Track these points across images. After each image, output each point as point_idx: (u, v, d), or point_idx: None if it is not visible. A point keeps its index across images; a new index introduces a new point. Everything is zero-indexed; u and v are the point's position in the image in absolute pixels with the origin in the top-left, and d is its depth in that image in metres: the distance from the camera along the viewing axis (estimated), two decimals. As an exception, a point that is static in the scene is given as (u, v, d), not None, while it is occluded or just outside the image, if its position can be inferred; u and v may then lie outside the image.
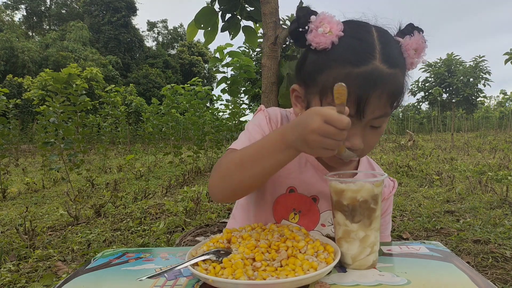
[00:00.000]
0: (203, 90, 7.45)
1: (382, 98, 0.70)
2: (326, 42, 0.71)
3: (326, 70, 0.73)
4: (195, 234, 2.39)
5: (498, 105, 25.33)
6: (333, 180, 0.72)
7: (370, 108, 0.70)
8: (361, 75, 0.69)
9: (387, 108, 0.73)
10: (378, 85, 0.69)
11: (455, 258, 0.74)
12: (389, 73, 0.70)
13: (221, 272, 0.62)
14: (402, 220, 3.09)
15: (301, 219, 0.88)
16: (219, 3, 2.28)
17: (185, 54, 38.95)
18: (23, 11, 39.27)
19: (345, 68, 0.70)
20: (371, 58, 0.69)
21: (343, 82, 0.60)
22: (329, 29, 0.71)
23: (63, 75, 4.13)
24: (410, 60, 0.76)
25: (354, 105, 0.69)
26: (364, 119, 0.72)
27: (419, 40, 0.75)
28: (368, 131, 0.75)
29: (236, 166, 0.72)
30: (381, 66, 0.69)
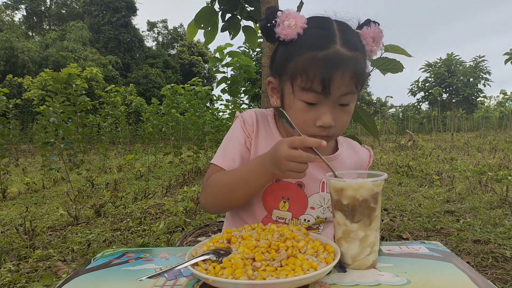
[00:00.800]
0: (203, 90, 7.45)
1: (344, 76, 0.78)
2: (292, 34, 0.81)
3: (294, 57, 0.82)
4: (196, 235, 2.39)
5: (498, 105, 25.34)
6: (333, 179, 0.72)
7: (334, 85, 0.78)
8: (324, 57, 0.78)
9: (351, 87, 0.80)
10: (339, 65, 0.78)
11: (455, 258, 0.74)
12: (349, 55, 0.79)
13: (221, 272, 0.62)
14: (402, 220, 3.09)
15: (291, 206, 0.92)
16: (219, 3, 2.28)
17: (185, 54, 38.95)
18: (23, 11, 39.30)
19: (310, 53, 0.79)
20: (333, 43, 0.79)
21: (309, 65, 0.77)
22: (294, 23, 0.81)
23: (63, 75, 4.13)
24: (369, 47, 0.85)
25: (320, 84, 0.78)
26: (330, 95, 0.79)
27: (376, 30, 0.84)
28: (338, 110, 0.83)
29: (225, 189, 0.86)
30: (342, 49, 0.79)
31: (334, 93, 0.79)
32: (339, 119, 0.84)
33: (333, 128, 0.84)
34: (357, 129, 18.11)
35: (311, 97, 0.81)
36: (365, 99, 28.43)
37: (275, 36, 0.83)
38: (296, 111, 0.84)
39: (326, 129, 0.83)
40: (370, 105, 27.91)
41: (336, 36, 0.80)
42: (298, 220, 0.93)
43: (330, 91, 0.78)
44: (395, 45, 1.70)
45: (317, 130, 0.83)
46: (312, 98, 0.81)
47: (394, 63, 1.71)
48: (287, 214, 0.92)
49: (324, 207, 0.94)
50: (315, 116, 0.82)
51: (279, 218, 0.93)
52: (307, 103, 0.82)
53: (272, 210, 0.92)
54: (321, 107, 0.81)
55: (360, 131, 17.30)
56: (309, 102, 0.81)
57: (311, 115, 0.82)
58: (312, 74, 0.78)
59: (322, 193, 0.94)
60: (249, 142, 0.93)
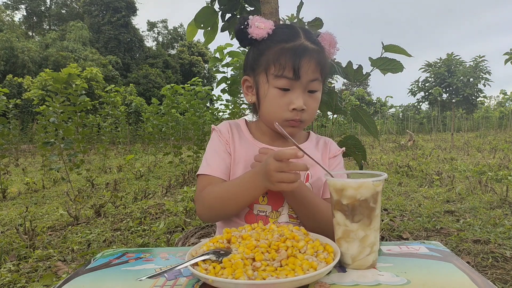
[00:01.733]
0: (203, 90, 7.44)
1: (311, 63, 0.90)
2: (263, 33, 0.94)
3: (266, 51, 0.94)
4: (198, 236, 2.40)
5: (498, 105, 25.32)
6: (333, 179, 0.73)
7: (303, 70, 0.90)
8: (292, 47, 0.91)
9: (317, 74, 0.92)
10: (305, 53, 0.90)
11: (455, 258, 0.74)
12: (313, 47, 0.93)
13: (221, 272, 0.62)
14: (402, 220, 3.09)
15: (269, 199, 0.98)
16: (219, 3, 2.28)
17: (185, 54, 38.93)
18: (23, 11, 39.28)
19: (280, 45, 0.92)
20: (298, 37, 0.93)
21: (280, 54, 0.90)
22: (263, 26, 0.95)
23: (63, 75, 4.13)
24: (326, 49, 0.98)
25: (291, 69, 0.89)
26: (300, 80, 0.90)
27: (331, 37, 1.00)
28: (308, 96, 0.94)
29: (220, 203, 0.93)
30: (306, 42, 0.93)
31: (303, 78, 0.90)
32: (309, 104, 0.94)
33: (305, 112, 0.93)
34: (357, 129, 18.11)
35: (283, 83, 0.91)
36: (365, 99, 28.42)
37: (247, 37, 0.96)
38: (271, 99, 0.94)
39: (299, 113, 0.92)
40: (370, 105, 27.90)
41: (300, 33, 0.95)
42: (277, 212, 0.98)
43: (300, 75, 0.90)
44: (395, 45, 1.70)
45: (291, 114, 0.92)
46: (284, 84, 0.91)
47: (394, 63, 1.71)
48: (267, 207, 0.98)
49: None
50: (288, 101, 0.92)
51: (260, 211, 0.98)
52: (280, 90, 0.92)
53: (253, 205, 0.98)
54: (293, 92, 0.92)
55: (360, 131, 17.31)
56: (283, 87, 0.92)
57: (285, 100, 0.92)
58: (284, 62, 0.90)
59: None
60: (228, 147, 1.02)
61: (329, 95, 1.80)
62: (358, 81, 1.81)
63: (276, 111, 0.94)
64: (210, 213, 0.97)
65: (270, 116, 0.96)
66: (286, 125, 0.95)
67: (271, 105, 0.94)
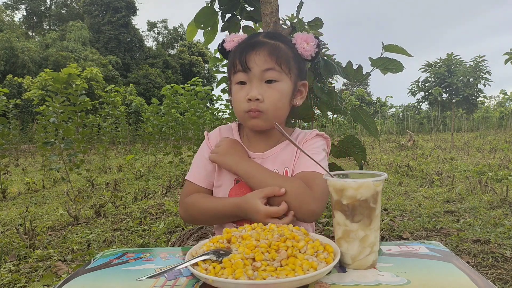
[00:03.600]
0: (203, 90, 7.44)
1: (260, 53, 0.94)
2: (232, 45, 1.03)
3: (230, 57, 1.03)
4: (196, 238, 2.39)
5: (498, 105, 25.32)
6: (333, 179, 0.73)
7: (251, 61, 0.94)
8: (243, 44, 0.99)
9: (271, 63, 0.94)
10: (254, 46, 0.95)
11: (455, 258, 0.74)
12: (267, 41, 0.97)
13: (221, 272, 0.62)
14: (402, 220, 3.09)
15: None
16: (219, 3, 2.28)
17: (185, 54, 38.92)
18: (23, 11, 39.27)
19: (237, 48, 1.00)
20: (252, 38, 1.00)
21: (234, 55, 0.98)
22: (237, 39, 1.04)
23: (63, 75, 4.13)
24: (301, 47, 1.02)
25: (240, 62, 0.95)
26: (251, 70, 0.94)
27: (309, 36, 1.03)
28: (266, 87, 0.95)
29: (201, 215, 1.01)
30: (262, 39, 0.98)
31: (254, 69, 0.94)
32: (267, 95, 0.95)
33: (262, 103, 0.95)
34: (357, 129, 18.11)
35: (239, 77, 0.96)
36: (365, 99, 28.44)
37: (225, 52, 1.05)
38: (233, 95, 1.00)
39: (255, 103, 0.94)
40: (370, 105, 27.92)
41: (261, 34, 1.02)
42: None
43: (249, 66, 0.94)
44: (395, 45, 1.70)
45: (247, 105, 0.95)
46: (240, 77, 0.96)
47: (394, 63, 1.71)
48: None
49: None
50: (245, 93, 0.96)
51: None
52: (239, 84, 0.97)
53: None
54: (249, 84, 0.96)
55: (360, 131, 17.31)
56: (239, 81, 0.96)
57: (243, 93, 0.96)
58: (236, 58, 0.96)
59: None
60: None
61: (329, 95, 1.80)
62: (358, 81, 1.81)
63: (236, 105, 0.98)
64: (193, 221, 1.08)
65: (235, 111, 1.01)
66: (247, 117, 0.98)
67: (234, 101, 0.99)
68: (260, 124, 0.99)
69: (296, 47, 1.02)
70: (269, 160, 1.03)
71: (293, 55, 1.00)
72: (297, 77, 1.01)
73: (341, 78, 1.86)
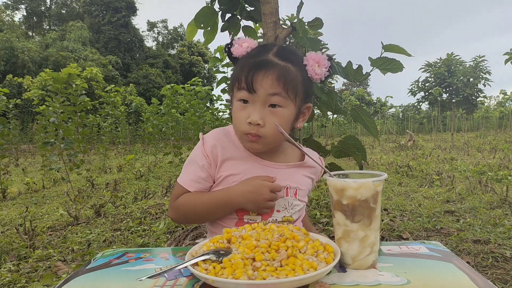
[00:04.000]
0: (203, 90, 7.45)
1: (268, 76, 0.89)
2: (242, 51, 0.98)
3: (237, 67, 0.97)
4: (192, 237, 2.39)
5: (498, 105, 25.31)
6: (333, 179, 0.73)
7: (257, 82, 0.89)
8: (252, 61, 0.92)
9: (278, 88, 0.90)
10: (263, 67, 0.90)
11: (455, 258, 0.74)
12: (277, 62, 0.91)
13: (221, 272, 0.62)
14: (402, 220, 3.09)
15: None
16: (219, 3, 2.28)
17: (185, 54, 38.91)
18: (23, 11, 39.25)
19: (245, 61, 0.94)
20: (266, 54, 0.93)
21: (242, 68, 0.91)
22: (247, 45, 0.98)
23: (63, 75, 4.13)
24: (312, 69, 0.96)
25: (246, 82, 0.89)
26: (256, 93, 0.90)
27: (322, 57, 0.97)
28: (268, 111, 0.92)
29: (193, 213, 1.01)
30: (272, 57, 0.92)
31: (259, 91, 0.89)
32: (268, 121, 0.91)
33: (262, 128, 0.91)
34: (357, 129, 18.11)
35: (242, 95, 0.92)
36: (365, 99, 28.43)
37: (231, 56, 1.00)
38: (234, 111, 0.96)
39: (255, 127, 0.91)
40: (370, 105, 27.91)
41: (272, 50, 0.95)
42: (267, 222, 1.00)
43: (254, 88, 0.89)
44: (394, 45, 1.70)
45: (247, 127, 0.92)
46: (243, 95, 0.92)
47: (394, 63, 1.71)
48: (257, 218, 1.01)
49: (288, 209, 1.03)
50: (246, 114, 0.92)
51: (250, 220, 1.01)
52: (241, 102, 0.93)
53: (243, 215, 1.01)
54: (251, 106, 0.91)
55: (360, 131, 17.31)
56: (242, 99, 0.92)
57: (244, 113, 0.92)
58: (241, 74, 0.91)
59: (286, 197, 1.02)
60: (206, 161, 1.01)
61: (329, 95, 1.80)
62: (358, 81, 1.81)
63: (236, 123, 0.95)
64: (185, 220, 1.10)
65: (235, 128, 0.98)
66: (245, 139, 0.96)
67: (234, 118, 0.96)
68: (257, 148, 0.97)
69: (307, 69, 0.96)
70: (283, 172, 1.02)
71: (302, 78, 0.95)
72: (303, 102, 0.97)
73: (341, 78, 1.86)
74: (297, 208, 1.04)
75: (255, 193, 0.93)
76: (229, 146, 1.03)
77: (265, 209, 0.95)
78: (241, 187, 0.95)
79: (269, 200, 0.93)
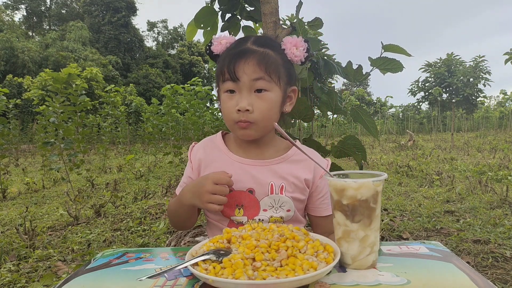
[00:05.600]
0: (203, 90, 7.45)
1: (249, 62, 0.92)
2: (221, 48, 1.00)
3: (219, 62, 0.98)
4: (193, 235, 2.38)
5: (498, 105, 25.31)
6: (333, 179, 0.73)
7: (240, 70, 0.91)
8: (232, 52, 0.95)
9: (261, 73, 0.92)
10: (243, 55, 0.93)
11: (455, 258, 0.74)
12: (256, 49, 0.94)
13: (221, 272, 0.62)
14: (402, 220, 3.09)
15: (245, 211, 1.00)
16: (219, 3, 2.28)
17: (185, 54, 38.91)
18: (23, 11, 39.25)
19: (226, 54, 0.97)
20: (244, 44, 0.97)
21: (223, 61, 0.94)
22: (225, 41, 1.01)
23: (63, 75, 4.13)
24: (291, 52, 0.99)
25: (229, 72, 0.92)
26: (240, 81, 0.92)
27: (299, 39, 1.00)
28: (255, 97, 0.93)
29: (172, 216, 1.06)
30: (250, 45, 0.96)
31: (243, 78, 0.92)
32: (257, 105, 0.93)
33: (252, 114, 0.93)
34: (357, 129, 18.10)
35: (227, 86, 0.94)
36: (365, 99, 28.43)
37: (213, 55, 1.02)
38: (222, 103, 0.97)
39: (245, 114, 0.93)
40: (370, 105, 27.90)
41: (249, 40, 0.98)
42: (253, 220, 1.00)
43: (238, 75, 0.91)
44: (394, 45, 1.70)
45: (237, 115, 0.93)
46: (228, 86, 0.94)
47: (394, 63, 1.71)
48: (243, 218, 1.00)
49: (276, 207, 1.01)
50: (234, 103, 0.93)
51: (238, 222, 1.01)
52: (228, 93, 0.95)
53: (229, 216, 1.01)
54: (239, 94, 0.93)
55: (360, 131, 17.30)
56: (228, 89, 0.94)
57: (232, 102, 0.94)
58: (224, 66, 0.93)
59: (271, 195, 1.00)
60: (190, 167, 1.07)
61: (329, 95, 1.81)
62: (358, 81, 1.81)
63: (226, 114, 0.96)
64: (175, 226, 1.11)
65: (225, 120, 0.99)
66: (237, 128, 0.97)
67: (223, 109, 0.97)
68: (250, 134, 0.97)
69: (286, 53, 0.99)
70: (266, 169, 1.01)
71: (282, 61, 0.98)
72: (287, 84, 1.00)
73: (341, 78, 1.86)
74: (286, 205, 1.00)
75: (197, 186, 0.92)
76: (213, 149, 1.06)
77: (210, 204, 0.89)
78: (191, 183, 0.97)
79: (212, 192, 0.88)
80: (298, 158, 1.04)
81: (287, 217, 1.02)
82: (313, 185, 1.05)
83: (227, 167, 1.00)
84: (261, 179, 1.00)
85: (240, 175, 0.99)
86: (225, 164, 1.02)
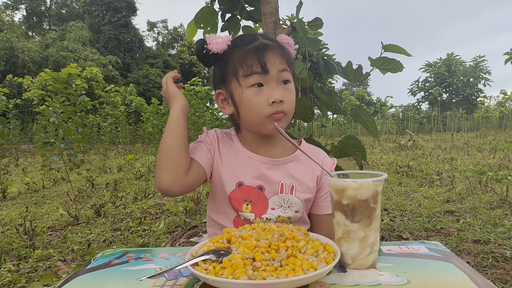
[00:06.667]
0: (203, 90, 7.45)
1: (275, 55, 0.93)
2: (222, 46, 0.97)
3: (230, 59, 0.96)
4: (188, 236, 2.39)
5: (498, 105, 25.32)
6: (333, 179, 0.73)
7: (269, 62, 0.92)
8: (254, 46, 0.94)
9: (284, 64, 0.94)
10: (267, 48, 0.93)
11: (455, 258, 0.74)
12: (272, 43, 0.96)
13: (221, 272, 0.62)
14: (402, 220, 3.09)
15: (253, 207, 0.99)
16: (219, 3, 2.28)
17: (185, 54, 38.90)
18: (23, 11, 39.25)
19: (242, 49, 0.95)
20: (257, 39, 0.97)
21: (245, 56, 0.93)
22: (221, 40, 0.97)
23: (63, 75, 4.13)
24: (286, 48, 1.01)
25: (259, 65, 0.91)
26: (270, 72, 0.92)
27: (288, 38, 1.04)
28: (283, 88, 0.94)
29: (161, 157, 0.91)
30: (265, 41, 0.97)
31: (272, 70, 0.92)
32: (286, 95, 0.94)
33: (284, 103, 0.93)
34: (357, 129, 18.10)
35: (255, 79, 0.91)
36: (365, 99, 28.42)
37: (210, 55, 0.97)
38: (247, 100, 0.93)
39: (279, 105, 0.92)
40: (370, 105, 27.90)
41: (260, 36, 1.00)
42: (260, 219, 0.99)
43: (268, 68, 0.91)
44: (394, 45, 1.70)
45: (271, 108, 0.91)
46: (256, 79, 0.91)
47: (394, 63, 1.71)
48: (250, 215, 0.99)
49: (284, 207, 1.00)
50: (265, 96, 0.91)
51: (245, 218, 1.00)
52: (255, 87, 0.92)
53: (237, 211, 1.00)
54: (268, 87, 0.92)
55: (360, 131, 17.30)
56: (255, 83, 0.92)
57: (261, 96, 0.92)
58: (250, 60, 0.92)
59: (281, 194, 1.00)
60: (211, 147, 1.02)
61: (329, 95, 1.80)
62: (358, 81, 1.81)
63: (256, 110, 0.92)
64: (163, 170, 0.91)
65: (252, 117, 0.94)
66: (268, 122, 0.93)
67: (249, 106, 0.93)
68: (281, 126, 0.94)
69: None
70: (277, 168, 1.00)
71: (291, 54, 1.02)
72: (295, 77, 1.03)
73: (341, 78, 1.86)
74: (295, 206, 1.00)
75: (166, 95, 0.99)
76: (227, 142, 1.05)
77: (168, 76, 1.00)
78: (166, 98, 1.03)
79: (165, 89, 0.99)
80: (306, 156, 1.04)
81: (294, 218, 1.01)
82: (320, 182, 1.05)
83: (239, 161, 1.00)
84: (272, 177, 0.99)
85: (251, 171, 0.99)
86: (237, 157, 1.01)
